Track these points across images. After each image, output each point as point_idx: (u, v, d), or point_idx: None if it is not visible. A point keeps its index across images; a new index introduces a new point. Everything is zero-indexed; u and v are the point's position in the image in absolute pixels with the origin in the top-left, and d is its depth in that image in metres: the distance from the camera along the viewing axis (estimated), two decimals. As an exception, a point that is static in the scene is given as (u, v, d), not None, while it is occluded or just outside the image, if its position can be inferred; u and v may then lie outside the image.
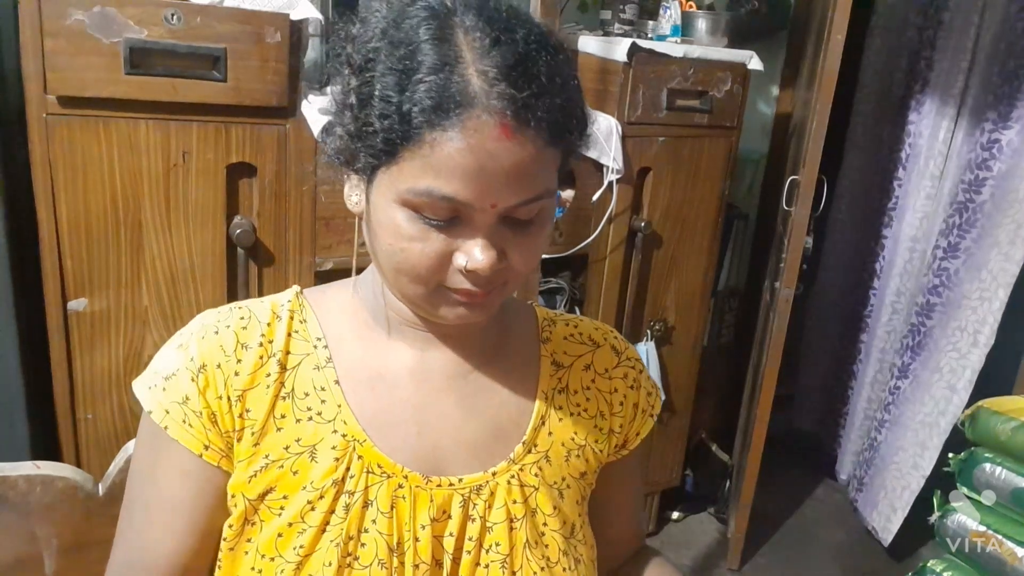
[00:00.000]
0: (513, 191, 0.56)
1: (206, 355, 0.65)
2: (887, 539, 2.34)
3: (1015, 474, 1.68)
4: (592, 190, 1.84)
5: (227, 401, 0.64)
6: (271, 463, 0.64)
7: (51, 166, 1.27)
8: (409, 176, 0.56)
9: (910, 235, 2.40)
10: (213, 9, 1.30)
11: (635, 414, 0.78)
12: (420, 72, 0.54)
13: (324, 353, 0.67)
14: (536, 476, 0.70)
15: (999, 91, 2.10)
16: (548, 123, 0.56)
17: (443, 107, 0.53)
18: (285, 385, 0.66)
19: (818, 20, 2.14)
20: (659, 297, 2.09)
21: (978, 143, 2.14)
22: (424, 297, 0.61)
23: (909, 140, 2.39)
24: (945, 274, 2.23)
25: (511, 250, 0.60)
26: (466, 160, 0.54)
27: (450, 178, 0.55)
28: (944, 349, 2.21)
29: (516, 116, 0.54)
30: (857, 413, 2.66)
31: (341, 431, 0.65)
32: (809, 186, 1.90)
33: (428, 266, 0.58)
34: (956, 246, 2.20)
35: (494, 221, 0.58)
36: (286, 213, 1.47)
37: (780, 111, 2.63)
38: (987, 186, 2.12)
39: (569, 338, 0.78)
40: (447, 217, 0.57)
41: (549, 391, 0.73)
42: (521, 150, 0.55)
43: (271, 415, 0.65)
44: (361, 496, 0.64)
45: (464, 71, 0.54)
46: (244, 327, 0.67)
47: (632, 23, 1.99)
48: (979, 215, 2.14)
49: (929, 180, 2.32)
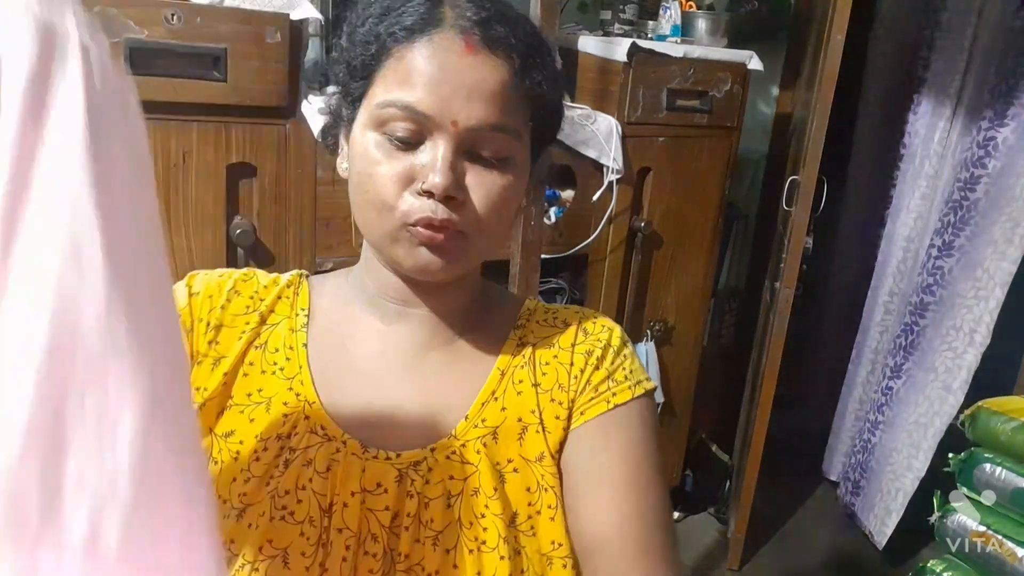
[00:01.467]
0: (475, 111, 0.60)
1: (204, 286, 0.71)
2: (882, 542, 2.34)
3: (1015, 474, 1.68)
4: (592, 190, 1.84)
5: (204, 324, 0.69)
6: (234, 405, 0.67)
7: (51, 166, 1.27)
8: (380, 92, 0.62)
9: (904, 235, 2.40)
10: (213, 9, 1.30)
11: (583, 388, 0.70)
12: (402, 6, 0.62)
13: (302, 320, 0.72)
14: (478, 453, 0.67)
15: (995, 89, 2.10)
16: (515, 53, 0.61)
17: (414, 27, 0.60)
18: (260, 336, 0.70)
19: (818, 20, 2.14)
20: (659, 297, 2.09)
21: (974, 141, 2.14)
22: (388, 235, 0.64)
23: (905, 140, 2.39)
24: (939, 273, 2.23)
25: (472, 188, 0.63)
26: (430, 69, 0.59)
27: (413, 87, 0.60)
28: (939, 349, 2.21)
29: (482, 36, 0.60)
30: (848, 414, 2.66)
31: (296, 390, 0.68)
32: (809, 186, 1.90)
33: (391, 189, 0.62)
34: (950, 244, 2.20)
35: (456, 145, 0.61)
36: (286, 213, 1.47)
37: (780, 111, 2.64)
38: (982, 184, 2.12)
39: (542, 322, 0.76)
40: (410, 136, 0.61)
41: (507, 368, 0.71)
42: (484, 68, 0.60)
43: (242, 359, 0.69)
44: (301, 454, 0.65)
45: (441, 5, 0.62)
46: (244, 280, 0.73)
47: (632, 23, 2.00)
48: (973, 213, 2.14)
49: (924, 180, 2.32)
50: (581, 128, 1.78)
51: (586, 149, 1.80)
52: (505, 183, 0.64)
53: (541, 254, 1.67)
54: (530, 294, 1.71)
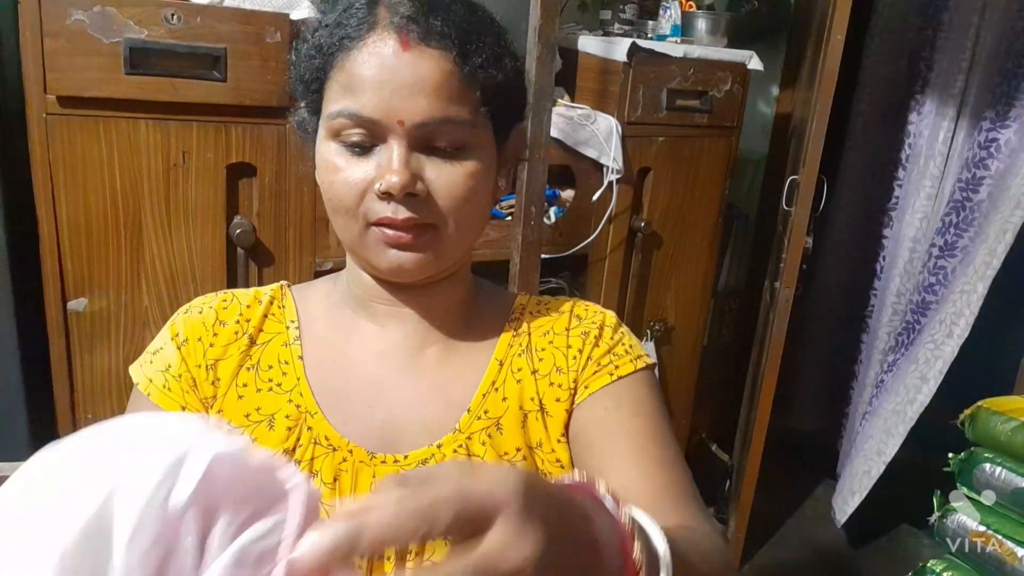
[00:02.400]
0: (419, 107, 0.60)
1: (189, 330, 0.70)
2: (841, 520, 2.35)
3: (1015, 474, 1.68)
4: (592, 190, 1.84)
5: (204, 370, 0.68)
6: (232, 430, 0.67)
7: (51, 166, 1.27)
8: (331, 103, 0.63)
9: (910, 235, 2.40)
10: (213, 9, 1.30)
11: (586, 365, 0.71)
12: (342, 15, 0.63)
13: (294, 332, 0.71)
14: (483, 445, 0.67)
15: (997, 90, 2.10)
16: (451, 41, 0.61)
17: (351, 34, 0.61)
18: (251, 357, 0.70)
19: (818, 20, 2.13)
20: (659, 297, 2.09)
21: (976, 142, 2.14)
22: (357, 239, 0.64)
23: (909, 140, 2.38)
24: (942, 272, 2.23)
25: (432, 180, 0.63)
26: (369, 74, 0.60)
27: (358, 95, 0.61)
28: (923, 342, 2.22)
29: (417, 32, 0.60)
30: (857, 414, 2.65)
31: (296, 402, 0.68)
32: (809, 186, 1.90)
33: (352, 195, 0.62)
34: (953, 245, 2.20)
35: (408, 143, 0.61)
36: (286, 213, 1.47)
37: (780, 111, 2.63)
38: (984, 185, 2.12)
39: (535, 312, 0.76)
40: (364, 141, 0.62)
41: (505, 357, 0.72)
42: (422, 64, 0.60)
43: (233, 382, 0.69)
44: (307, 467, 0.65)
45: (376, 7, 0.62)
46: (225, 308, 0.72)
47: (632, 23, 2.00)
48: (976, 214, 2.14)
49: (929, 180, 2.32)
50: (581, 128, 1.78)
51: (586, 149, 1.80)
52: (466, 171, 0.64)
53: (541, 254, 1.67)
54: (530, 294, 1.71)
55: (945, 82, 2.25)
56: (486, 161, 0.66)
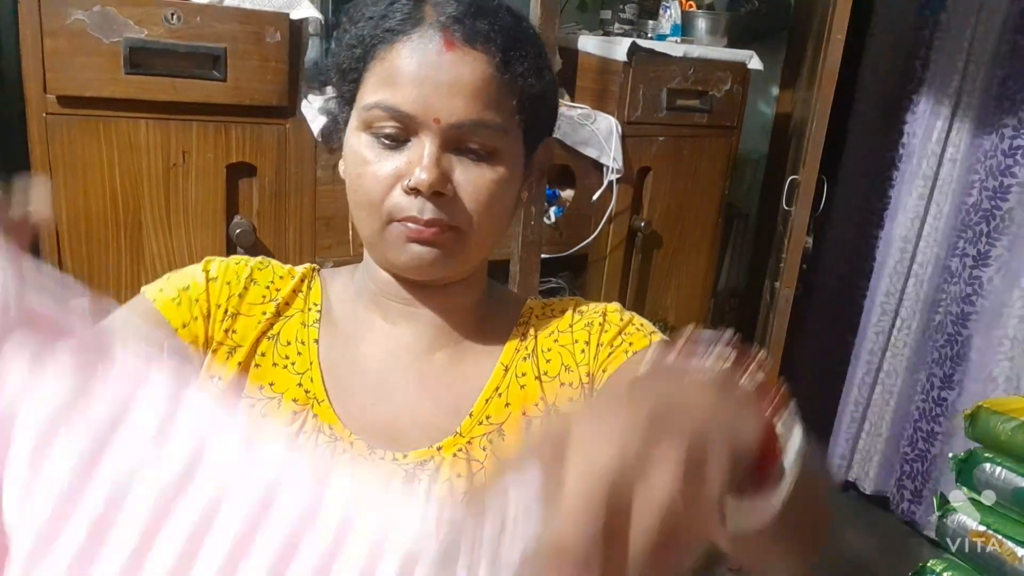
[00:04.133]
0: (457, 107, 0.60)
1: (221, 271, 0.70)
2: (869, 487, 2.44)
3: (1015, 474, 1.67)
4: (592, 190, 1.84)
5: (222, 312, 0.68)
6: (246, 398, 0.67)
7: (51, 166, 1.27)
8: (367, 94, 0.63)
9: (901, 235, 2.40)
10: (213, 9, 1.30)
11: (597, 352, 0.70)
12: (387, 8, 0.63)
13: (315, 315, 0.71)
14: (484, 450, 0.67)
15: (1016, 96, 2.09)
16: (496, 47, 0.61)
17: (396, 28, 0.61)
18: (274, 328, 0.70)
19: (818, 20, 2.13)
20: (659, 297, 2.09)
21: (999, 149, 2.13)
22: (378, 234, 0.64)
23: (903, 140, 2.38)
24: (977, 282, 2.22)
25: (460, 182, 0.63)
26: (411, 69, 0.60)
27: (396, 88, 0.61)
28: (996, 359, 2.19)
29: (461, 32, 0.60)
30: (845, 416, 2.65)
31: (306, 386, 0.68)
32: (809, 186, 1.90)
33: (379, 189, 0.62)
34: (987, 254, 2.19)
35: (441, 142, 0.61)
36: (286, 213, 1.47)
37: (780, 111, 2.63)
38: (1013, 192, 2.11)
39: (541, 315, 0.76)
40: (397, 135, 0.62)
41: (510, 362, 0.71)
42: (464, 65, 0.60)
43: (255, 349, 0.68)
44: None
45: (422, 4, 0.63)
46: (260, 269, 0.72)
47: (632, 23, 2.00)
48: (1009, 223, 2.13)
49: (922, 180, 2.32)
50: (581, 128, 1.78)
51: (586, 149, 1.80)
52: (494, 177, 0.64)
53: (541, 254, 1.67)
54: (530, 294, 1.71)
55: (940, 82, 2.25)
56: (514, 169, 0.66)
